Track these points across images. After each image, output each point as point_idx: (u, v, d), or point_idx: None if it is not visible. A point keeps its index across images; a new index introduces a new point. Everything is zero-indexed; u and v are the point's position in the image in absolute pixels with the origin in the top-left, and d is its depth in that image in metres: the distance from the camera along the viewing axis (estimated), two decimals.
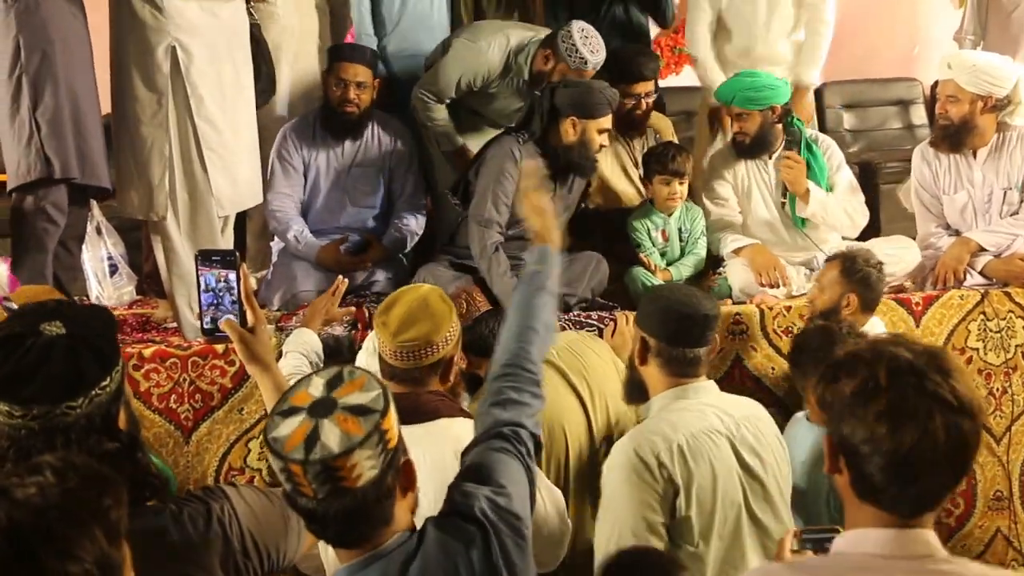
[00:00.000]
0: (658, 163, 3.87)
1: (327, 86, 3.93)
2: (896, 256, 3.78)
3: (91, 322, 1.60)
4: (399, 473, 1.56)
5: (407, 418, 2.29)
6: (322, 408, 1.51)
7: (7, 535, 1.16)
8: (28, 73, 3.18)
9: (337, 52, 3.99)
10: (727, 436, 2.46)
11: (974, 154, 3.89)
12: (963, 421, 1.42)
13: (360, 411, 1.51)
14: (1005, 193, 3.87)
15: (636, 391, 2.63)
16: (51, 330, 1.54)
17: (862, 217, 3.95)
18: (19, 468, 1.26)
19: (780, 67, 4.24)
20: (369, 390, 1.54)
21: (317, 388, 1.54)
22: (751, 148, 3.92)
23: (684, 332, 2.49)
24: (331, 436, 1.48)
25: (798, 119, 3.98)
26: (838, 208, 3.88)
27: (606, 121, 3.65)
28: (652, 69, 4.14)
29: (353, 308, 3.31)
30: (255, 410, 3.28)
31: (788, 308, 3.56)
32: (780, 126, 3.92)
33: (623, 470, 2.40)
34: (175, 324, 3.57)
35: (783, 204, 3.91)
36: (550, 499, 2.42)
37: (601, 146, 3.69)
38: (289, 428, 1.50)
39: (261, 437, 3.27)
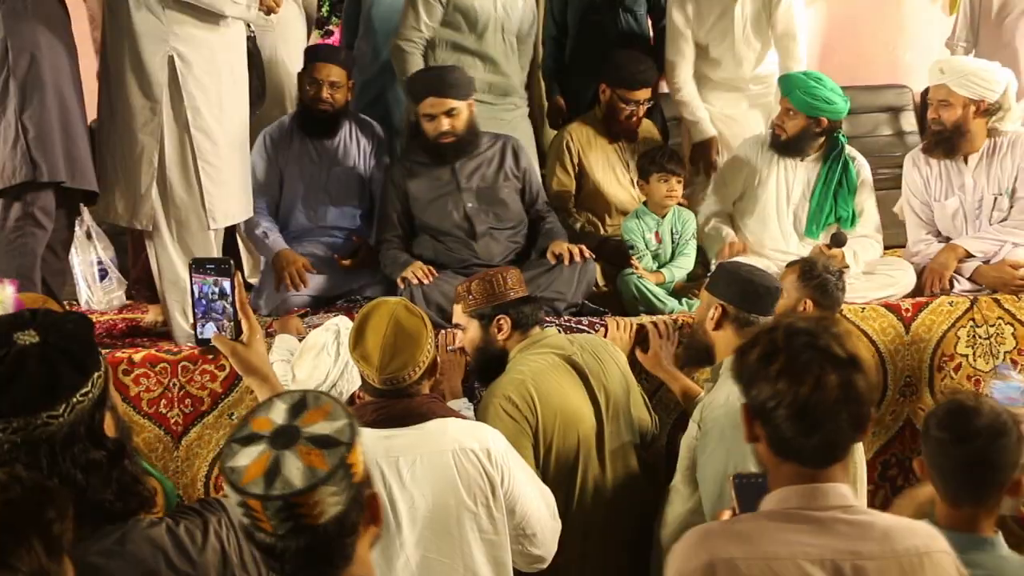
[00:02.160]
0: (655, 162, 3.90)
1: (301, 85, 3.98)
2: (893, 279, 3.79)
3: (66, 328, 1.56)
4: (364, 508, 1.46)
5: (400, 423, 2.31)
6: (284, 437, 1.41)
7: None
8: (16, 76, 3.16)
9: (313, 52, 4.06)
10: None
11: (965, 160, 3.90)
12: (853, 374, 1.62)
13: (325, 443, 1.41)
14: (995, 199, 3.88)
15: (704, 355, 2.94)
16: (25, 339, 1.50)
17: (881, 245, 3.98)
18: None
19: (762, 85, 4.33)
20: (335, 419, 1.44)
21: (279, 414, 1.44)
22: (783, 145, 3.92)
23: (758, 300, 2.84)
24: (293, 470, 1.38)
25: (844, 136, 3.96)
26: (874, 250, 3.91)
27: (428, 104, 3.63)
28: (651, 77, 4.15)
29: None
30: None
31: None
32: (822, 139, 3.89)
33: (734, 420, 2.45)
34: (165, 328, 3.56)
35: (829, 247, 3.79)
36: (542, 497, 2.44)
37: (439, 135, 3.63)
38: (248, 458, 1.40)
39: None
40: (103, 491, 1.52)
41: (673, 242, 3.94)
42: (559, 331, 3.23)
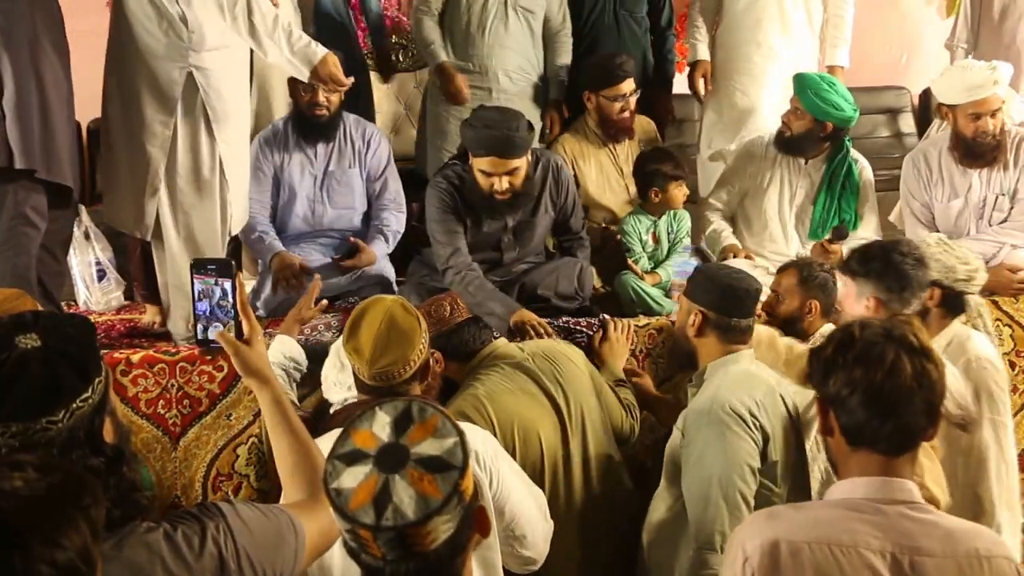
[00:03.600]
0: (669, 173, 3.85)
1: (295, 92, 3.96)
2: None
3: (68, 332, 1.54)
4: (472, 523, 1.43)
5: None
6: (392, 459, 1.35)
7: None
8: None
9: None
10: (779, 393, 2.70)
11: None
12: (926, 363, 1.70)
13: (437, 467, 1.35)
14: (997, 199, 3.90)
15: (686, 360, 2.88)
16: (26, 343, 1.49)
17: None
18: (0, 464, 1.25)
19: (800, 43, 4.36)
20: (444, 436, 1.39)
21: (383, 429, 1.39)
22: (786, 144, 3.94)
23: (738, 303, 2.76)
24: (405, 498, 1.33)
25: (850, 140, 3.96)
26: None
27: (487, 162, 3.37)
28: (628, 67, 4.10)
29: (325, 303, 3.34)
30: (243, 416, 3.28)
31: None
32: (827, 144, 3.91)
33: (718, 426, 2.57)
34: (163, 329, 3.56)
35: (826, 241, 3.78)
36: (533, 498, 2.44)
37: (495, 193, 3.39)
38: (354, 480, 1.35)
39: (249, 443, 3.27)
40: None
41: (669, 241, 3.96)
42: (557, 333, 3.23)
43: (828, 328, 3.25)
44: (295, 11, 4.34)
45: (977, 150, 3.85)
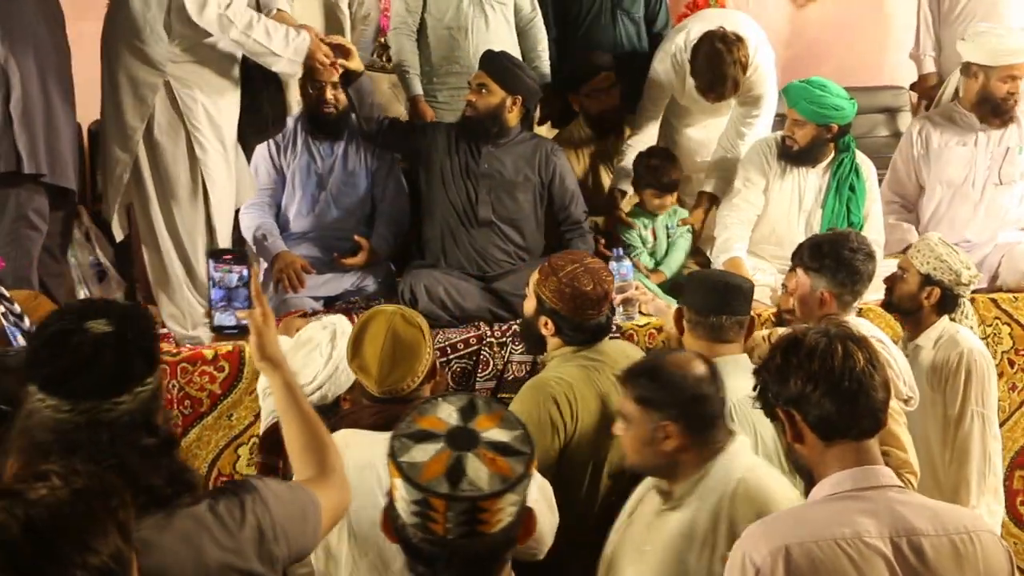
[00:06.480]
0: (653, 176, 3.90)
1: (303, 90, 3.96)
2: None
3: (136, 321, 1.64)
4: (523, 521, 1.46)
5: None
6: (463, 439, 1.38)
7: (27, 532, 1.19)
8: (2, 64, 3.15)
9: None
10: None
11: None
12: (870, 347, 1.81)
13: (507, 451, 1.39)
14: (1008, 152, 4.06)
15: None
16: (97, 327, 1.57)
17: (882, 249, 3.96)
18: (25, 476, 1.30)
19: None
20: (510, 428, 1.43)
21: (449, 415, 1.42)
22: (796, 156, 3.90)
23: (711, 300, 2.74)
24: (480, 473, 1.35)
25: (853, 139, 3.95)
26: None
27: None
28: (605, 60, 4.17)
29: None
30: (244, 416, 3.28)
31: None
32: (832, 144, 3.88)
33: None
34: (165, 330, 3.56)
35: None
36: (539, 490, 2.42)
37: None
38: (425, 454, 1.37)
39: (251, 443, 3.27)
40: (154, 476, 1.58)
41: (668, 236, 3.99)
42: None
43: None
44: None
45: (1003, 107, 4.07)
